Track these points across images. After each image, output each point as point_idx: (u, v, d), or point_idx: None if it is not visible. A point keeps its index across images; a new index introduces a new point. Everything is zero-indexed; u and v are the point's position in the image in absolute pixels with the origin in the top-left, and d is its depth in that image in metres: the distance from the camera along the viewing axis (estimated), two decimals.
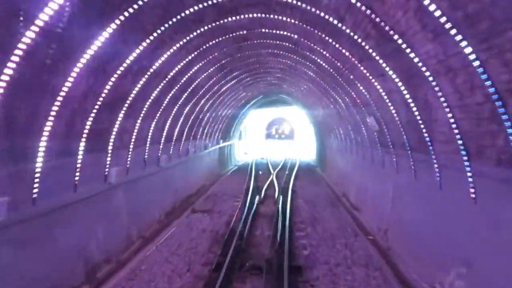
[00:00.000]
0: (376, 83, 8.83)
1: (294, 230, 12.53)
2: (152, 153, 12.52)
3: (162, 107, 11.63)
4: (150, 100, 10.28)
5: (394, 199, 10.96)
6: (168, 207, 14.60)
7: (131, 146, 10.49)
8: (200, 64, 11.51)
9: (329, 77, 12.56)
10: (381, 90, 8.83)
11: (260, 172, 27.34)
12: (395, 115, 8.84)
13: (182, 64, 10.23)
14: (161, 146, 13.28)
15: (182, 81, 11.55)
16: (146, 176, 12.15)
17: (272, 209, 15.52)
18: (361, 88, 10.24)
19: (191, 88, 12.92)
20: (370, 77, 8.83)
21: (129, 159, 10.54)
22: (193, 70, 11.52)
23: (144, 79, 8.91)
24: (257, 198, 17.07)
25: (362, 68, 8.82)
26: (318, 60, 11.63)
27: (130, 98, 8.90)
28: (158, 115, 11.65)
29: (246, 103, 28.95)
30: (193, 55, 10.22)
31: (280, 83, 21.65)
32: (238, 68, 15.23)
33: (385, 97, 8.83)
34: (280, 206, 15.27)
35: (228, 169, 29.76)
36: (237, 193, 19.11)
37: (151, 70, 8.86)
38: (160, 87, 10.27)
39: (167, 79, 10.22)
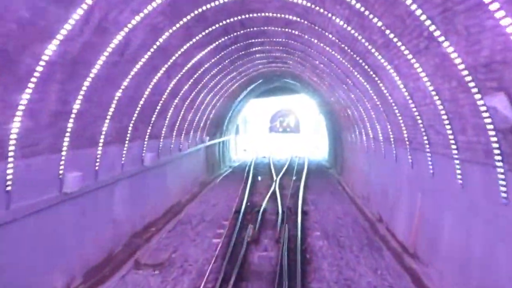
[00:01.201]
0: None
1: None
2: (39, 171, 6.37)
3: (35, 75, 5.41)
4: None
5: None
6: (96, 258, 8.50)
7: None
8: None
9: (383, 13, 6.25)
10: None
11: (260, 178, 21.23)
12: None
13: None
14: (63, 157, 7.10)
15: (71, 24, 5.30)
16: (18, 220, 5.99)
17: (271, 256, 9.50)
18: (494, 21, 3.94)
19: (113, 44, 6.67)
20: None
21: None
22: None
23: None
24: (250, 229, 10.94)
25: None
26: None
27: None
28: (28, 92, 5.44)
29: (242, 90, 22.64)
30: None
31: (284, 55, 15.27)
32: (211, 20, 8.90)
33: None
34: (285, 247, 9.44)
35: (220, 173, 23.58)
36: (222, 217, 13.07)
37: None
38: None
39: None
